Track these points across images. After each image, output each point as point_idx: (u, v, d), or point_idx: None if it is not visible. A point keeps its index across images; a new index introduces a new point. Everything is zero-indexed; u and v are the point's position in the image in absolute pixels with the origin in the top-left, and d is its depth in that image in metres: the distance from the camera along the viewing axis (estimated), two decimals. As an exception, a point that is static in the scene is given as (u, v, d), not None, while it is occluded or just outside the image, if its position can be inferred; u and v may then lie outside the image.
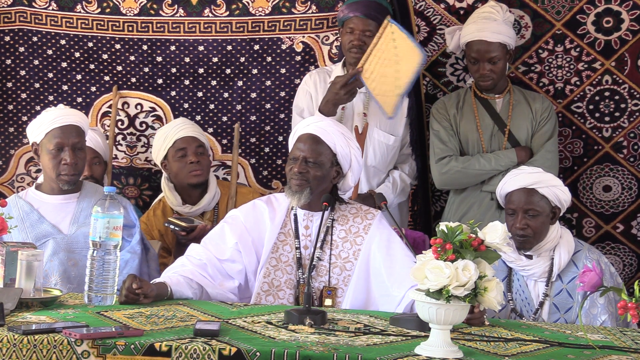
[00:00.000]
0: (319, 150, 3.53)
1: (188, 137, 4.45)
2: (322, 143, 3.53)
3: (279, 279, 3.53)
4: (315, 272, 3.51)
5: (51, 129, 3.83)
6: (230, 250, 3.52)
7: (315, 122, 3.60)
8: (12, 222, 3.26)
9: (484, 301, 2.62)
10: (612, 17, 4.43)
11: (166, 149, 4.45)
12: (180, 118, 4.63)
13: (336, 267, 3.52)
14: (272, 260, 3.54)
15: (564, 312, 3.70)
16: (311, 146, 3.53)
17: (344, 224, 3.57)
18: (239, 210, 3.68)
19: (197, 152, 4.44)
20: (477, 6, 4.42)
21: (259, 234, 3.57)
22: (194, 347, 2.58)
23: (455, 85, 4.61)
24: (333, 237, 3.55)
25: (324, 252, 3.54)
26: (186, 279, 3.35)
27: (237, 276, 3.52)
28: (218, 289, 3.43)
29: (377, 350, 2.66)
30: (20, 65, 4.78)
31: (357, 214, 3.60)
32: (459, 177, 4.29)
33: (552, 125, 4.32)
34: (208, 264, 3.47)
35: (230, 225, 3.59)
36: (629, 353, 2.80)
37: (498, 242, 2.67)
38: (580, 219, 4.65)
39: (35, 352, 2.59)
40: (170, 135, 4.45)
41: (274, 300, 3.50)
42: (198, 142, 4.47)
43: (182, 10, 4.65)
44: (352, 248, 3.53)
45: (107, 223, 3.08)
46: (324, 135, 3.54)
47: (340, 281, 3.50)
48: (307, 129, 3.57)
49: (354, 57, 4.32)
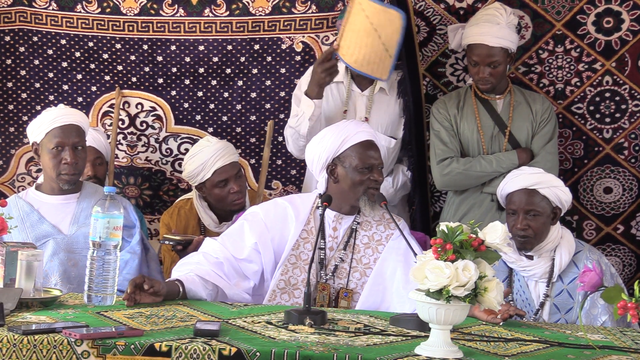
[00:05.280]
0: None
1: (227, 165, 4.36)
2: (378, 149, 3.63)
3: (297, 277, 3.51)
4: (336, 273, 3.51)
5: (51, 128, 3.83)
6: (248, 250, 3.50)
7: (366, 128, 3.65)
8: (12, 222, 3.26)
9: (484, 301, 2.62)
10: (613, 18, 4.42)
11: (204, 179, 4.37)
12: (215, 141, 4.45)
13: (356, 272, 3.52)
14: (291, 257, 3.52)
15: (565, 312, 3.70)
16: (377, 152, 3.60)
17: (367, 229, 3.58)
18: (259, 207, 3.66)
19: (237, 179, 4.37)
20: (477, 6, 4.41)
21: (280, 232, 3.54)
22: (194, 347, 2.58)
23: (455, 86, 4.60)
24: (356, 241, 3.56)
25: (346, 254, 3.54)
26: (202, 280, 3.30)
27: (252, 277, 3.49)
28: (234, 289, 3.40)
29: (377, 350, 2.66)
30: (20, 65, 4.77)
31: (380, 221, 3.60)
32: (460, 179, 4.29)
33: (552, 127, 4.31)
34: (225, 263, 3.43)
35: (250, 222, 3.56)
36: (629, 353, 2.80)
37: (498, 243, 2.67)
38: (580, 222, 4.64)
39: (35, 352, 2.59)
40: (208, 164, 4.34)
41: (289, 298, 3.49)
42: (237, 169, 4.39)
43: (182, 10, 4.65)
44: (374, 255, 3.54)
45: (107, 223, 3.08)
46: (375, 139, 3.65)
47: (359, 286, 3.51)
48: (365, 135, 3.59)
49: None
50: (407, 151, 4.52)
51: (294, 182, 4.83)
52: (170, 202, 4.90)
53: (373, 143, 3.60)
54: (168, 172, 4.89)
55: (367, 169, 3.54)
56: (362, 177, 3.53)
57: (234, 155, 4.43)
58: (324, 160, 3.58)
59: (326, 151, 3.57)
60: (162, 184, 4.92)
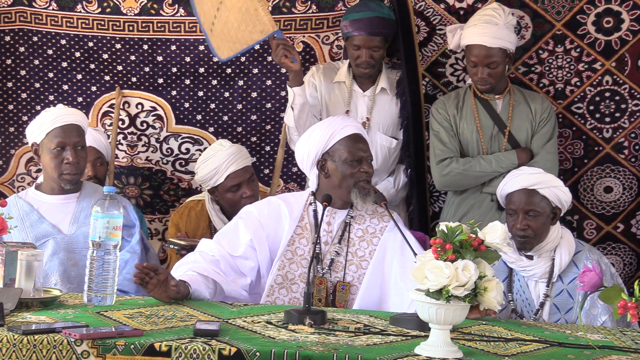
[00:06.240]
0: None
1: (240, 170, 4.36)
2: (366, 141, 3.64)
3: (294, 272, 3.53)
4: (332, 267, 3.52)
5: (52, 128, 3.84)
6: (243, 247, 3.51)
7: (353, 122, 3.68)
8: (12, 222, 3.26)
9: (484, 301, 2.62)
10: (613, 17, 4.42)
11: (216, 183, 4.36)
12: (229, 145, 4.44)
13: (352, 265, 3.54)
14: (287, 253, 3.54)
15: (565, 312, 3.70)
16: (366, 145, 3.61)
17: (361, 223, 3.59)
18: (253, 205, 3.68)
19: (250, 183, 4.36)
20: (477, 6, 4.41)
21: (274, 229, 3.56)
22: (193, 347, 2.58)
23: (455, 86, 4.60)
24: (351, 234, 3.57)
25: (341, 248, 3.55)
26: (203, 277, 3.31)
27: (249, 273, 3.51)
28: (232, 285, 3.42)
29: (377, 350, 2.66)
30: (20, 65, 4.78)
31: (373, 215, 3.62)
32: (460, 179, 4.29)
33: (551, 126, 4.31)
34: (221, 260, 3.45)
35: (244, 220, 3.58)
36: (629, 353, 2.80)
37: (498, 243, 2.67)
38: (580, 221, 4.64)
39: (35, 352, 2.59)
40: (221, 168, 4.33)
41: (287, 293, 3.50)
42: (250, 173, 4.38)
43: (182, 10, 4.65)
44: (369, 247, 3.56)
45: (107, 223, 3.08)
46: (363, 132, 3.67)
47: (355, 279, 3.53)
48: (352, 128, 3.61)
49: (363, 72, 4.41)
50: (405, 151, 4.53)
51: (296, 180, 4.84)
52: (171, 202, 4.91)
53: (361, 136, 3.62)
54: (168, 171, 4.89)
55: (356, 162, 3.56)
56: (353, 169, 3.56)
57: (247, 159, 4.42)
58: (314, 156, 3.61)
59: (315, 147, 3.60)
60: (163, 184, 4.92)
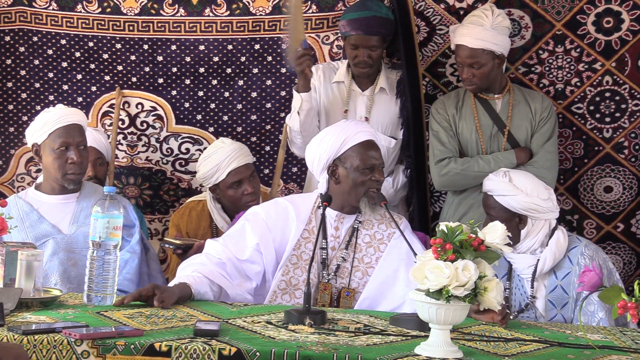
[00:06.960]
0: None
1: (242, 166, 4.36)
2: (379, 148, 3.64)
3: (298, 277, 3.50)
4: (338, 273, 3.51)
5: (55, 129, 3.84)
6: (250, 251, 3.49)
7: (367, 128, 3.65)
8: (12, 222, 3.26)
9: (484, 301, 2.63)
10: (613, 17, 4.42)
11: (218, 180, 4.36)
12: (230, 142, 4.45)
13: (358, 271, 3.52)
14: (292, 257, 3.51)
15: (561, 307, 3.69)
16: (378, 152, 3.58)
17: (369, 229, 3.58)
18: (260, 207, 3.65)
19: (251, 180, 4.36)
20: (477, 6, 4.41)
21: (282, 232, 3.54)
22: (193, 347, 2.58)
23: (455, 86, 4.60)
24: (358, 240, 3.56)
25: (348, 254, 3.54)
26: (208, 280, 3.30)
27: (255, 277, 3.48)
28: (237, 289, 3.39)
29: (377, 350, 2.66)
30: (20, 65, 4.77)
31: (382, 220, 3.60)
32: (459, 179, 4.29)
33: (551, 125, 4.30)
34: (227, 263, 3.42)
35: (251, 223, 3.55)
36: (629, 353, 2.80)
37: (498, 242, 2.67)
38: (580, 221, 4.64)
39: (35, 352, 2.59)
40: (223, 165, 4.33)
41: (290, 299, 3.48)
42: (251, 170, 4.38)
43: (182, 9, 4.65)
44: (375, 254, 3.54)
45: (107, 223, 3.08)
46: (376, 138, 3.65)
47: (361, 285, 3.50)
48: (365, 135, 3.59)
49: (361, 72, 4.41)
50: (405, 151, 4.53)
51: (295, 180, 4.83)
52: (171, 202, 4.91)
53: (374, 143, 3.60)
54: (168, 171, 4.89)
55: (368, 169, 3.54)
56: (364, 177, 3.53)
57: (248, 156, 4.42)
58: (325, 161, 3.58)
59: (327, 152, 3.57)
60: (163, 184, 4.92)
